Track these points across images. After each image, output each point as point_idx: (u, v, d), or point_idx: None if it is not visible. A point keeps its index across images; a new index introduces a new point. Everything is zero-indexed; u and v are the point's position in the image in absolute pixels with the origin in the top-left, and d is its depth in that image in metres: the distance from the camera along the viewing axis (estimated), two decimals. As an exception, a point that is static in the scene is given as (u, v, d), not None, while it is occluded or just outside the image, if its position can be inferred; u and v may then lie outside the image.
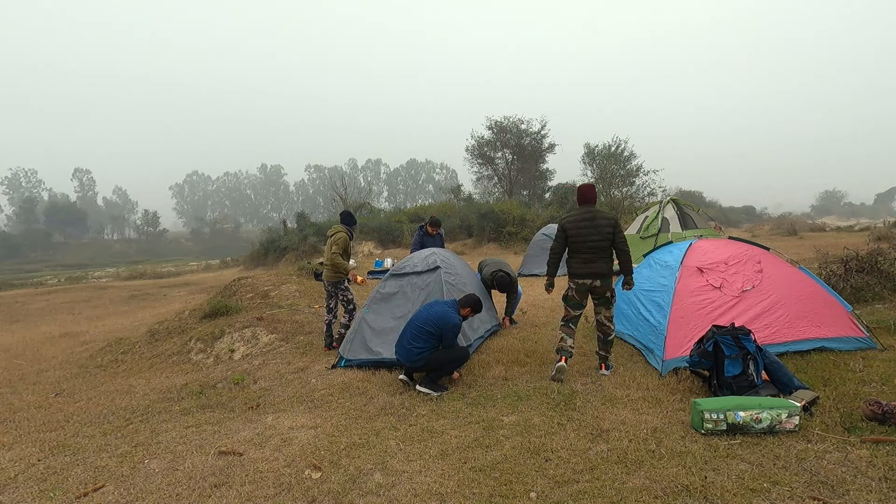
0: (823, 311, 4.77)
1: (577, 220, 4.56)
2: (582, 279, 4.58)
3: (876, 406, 3.32)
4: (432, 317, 4.49)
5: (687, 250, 5.39)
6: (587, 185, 4.72)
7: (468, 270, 6.48)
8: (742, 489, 2.67)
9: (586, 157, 28.01)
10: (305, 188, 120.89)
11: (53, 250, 68.52)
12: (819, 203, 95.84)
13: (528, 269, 12.02)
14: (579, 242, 4.54)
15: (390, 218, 26.53)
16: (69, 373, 7.10)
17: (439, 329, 4.43)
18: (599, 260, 4.53)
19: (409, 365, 4.50)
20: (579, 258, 4.57)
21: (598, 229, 4.48)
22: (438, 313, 4.51)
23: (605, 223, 4.49)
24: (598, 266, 4.54)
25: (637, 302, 5.49)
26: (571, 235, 4.57)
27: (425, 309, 4.66)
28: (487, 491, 2.83)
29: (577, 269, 4.60)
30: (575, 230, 4.54)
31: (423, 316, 4.54)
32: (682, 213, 10.77)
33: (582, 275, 4.57)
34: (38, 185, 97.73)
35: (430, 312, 4.54)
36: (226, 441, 3.76)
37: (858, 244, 8.77)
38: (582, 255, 4.55)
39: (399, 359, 4.56)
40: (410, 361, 4.46)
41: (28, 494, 3.24)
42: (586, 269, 4.55)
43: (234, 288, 10.59)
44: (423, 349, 4.42)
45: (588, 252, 4.52)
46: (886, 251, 7.17)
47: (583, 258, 4.55)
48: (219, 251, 62.03)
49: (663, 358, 4.53)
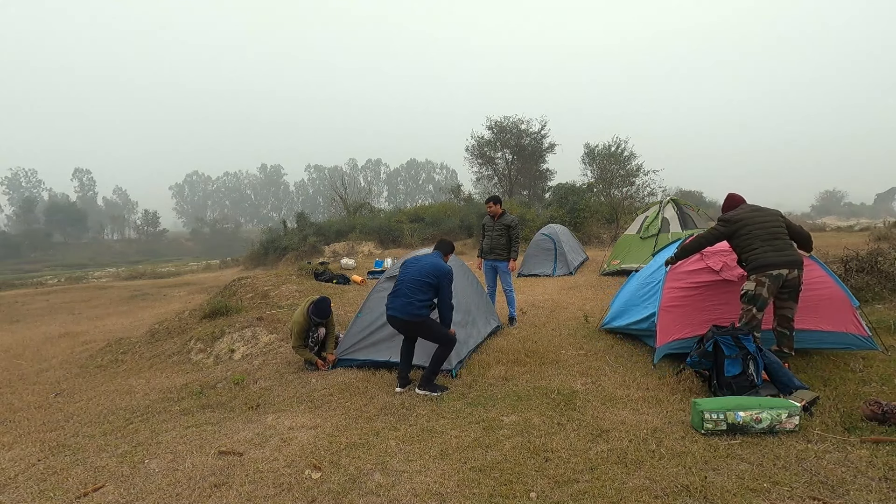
0: (825, 304, 4.54)
1: (746, 210, 4.26)
2: (778, 269, 4.02)
3: (876, 406, 3.32)
4: (427, 268, 4.49)
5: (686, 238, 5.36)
6: (736, 193, 4.49)
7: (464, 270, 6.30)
8: (742, 489, 2.67)
9: (586, 156, 27.99)
10: (305, 188, 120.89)
11: (53, 250, 68.49)
12: (819, 203, 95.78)
13: (528, 269, 12.02)
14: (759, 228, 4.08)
15: (390, 218, 26.53)
16: (69, 373, 7.09)
17: (437, 279, 4.44)
18: (790, 247, 4.09)
19: (409, 319, 4.40)
20: (768, 245, 4.06)
21: (772, 216, 4.19)
22: (432, 263, 4.54)
23: (774, 212, 4.24)
24: (793, 253, 4.06)
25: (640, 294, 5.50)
26: (746, 224, 4.12)
27: (413, 265, 4.60)
28: (487, 491, 2.83)
29: (771, 257, 4.04)
30: (749, 218, 4.16)
31: (418, 270, 4.51)
32: (682, 213, 10.76)
33: (777, 264, 4.02)
34: (38, 185, 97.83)
35: (423, 265, 4.53)
36: (226, 441, 3.75)
37: (858, 244, 8.78)
38: (770, 243, 4.06)
39: (397, 315, 4.44)
40: (412, 315, 4.39)
41: (28, 494, 3.24)
42: (780, 256, 4.03)
43: (234, 288, 10.59)
44: (424, 301, 4.41)
45: (773, 238, 4.07)
46: (886, 251, 7.18)
47: (773, 245, 4.06)
48: (219, 251, 62.00)
49: (655, 346, 4.57)
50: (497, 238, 6.75)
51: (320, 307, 5.34)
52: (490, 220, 6.91)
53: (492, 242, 6.79)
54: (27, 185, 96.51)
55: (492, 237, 6.80)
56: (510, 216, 6.81)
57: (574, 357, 5.23)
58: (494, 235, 6.77)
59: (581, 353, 5.35)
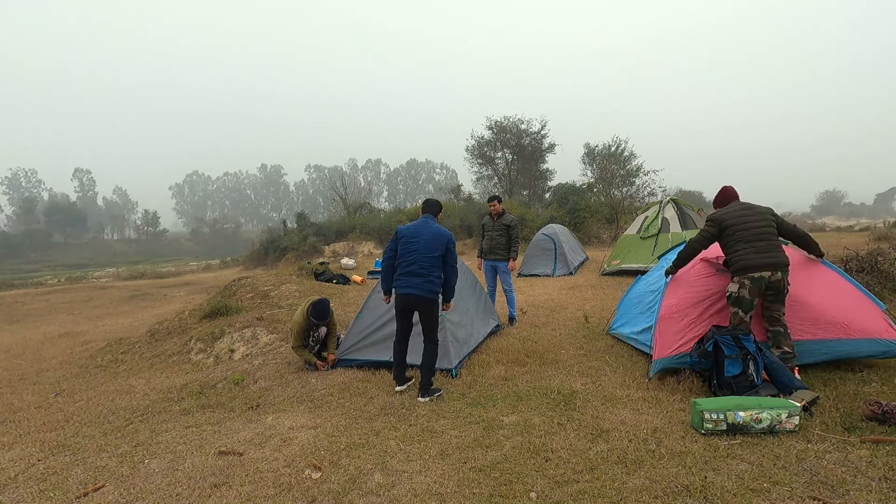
0: (853, 310, 4.20)
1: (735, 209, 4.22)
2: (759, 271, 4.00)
3: (876, 406, 3.32)
4: (433, 239, 4.37)
5: None
6: (729, 187, 4.45)
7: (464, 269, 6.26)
8: (742, 489, 2.67)
9: (586, 156, 28.00)
10: (305, 188, 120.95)
11: (53, 250, 68.45)
12: (819, 203, 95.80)
13: (528, 269, 12.02)
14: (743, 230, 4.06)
15: (390, 218, 26.52)
16: (69, 373, 7.10)
17: (444, 247, 4.38)
18: (775, 248, 4.05)
19: (429, 296, 4.32)
20: (750, 247, 4.05)
21: (760, 216, 4.14)
22: (435, 232, 4.42)
23: (764, 210, 4.18)
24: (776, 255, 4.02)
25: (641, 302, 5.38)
26: (731, 224, 4.11)
27: (417, 239, 4.41)
28: (487, 491, 2.82)
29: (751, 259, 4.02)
30: (734, 218, 4.14)
31: (426, 245, 4.36)
32: (682, 213, 10.76)
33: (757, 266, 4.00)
34: (38, 185, 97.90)
35: (429, 238, 4.39)
36: (226, 441, 3.75)
37: (858, 244, 8.75)
38: (753, 244, 4.06)
39: (417, 293, 4.31)
40: (431, 292, 4.33)
41: (28, 494, 3.24)
42: (761, 258, 4.01)
43: (233, 288, 10.59)
44: (438, 277, 4.37)
45: (757, 240, 4.06)
46: (886, 251, 7.16)
47: (755, 247, 4.05)
48: (219, 251, 62.01)
49: (652, 358, 4.35)
50: (497, 238, 6.75)
51: (319, 309, 5.32)
52: (490, 219, 6.91)
53: (491, 242, 6.79)
54: (27, 185, 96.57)
55: (492, 237, 6.80)
56: (510, 216, 6.82)
57: (574, 357, 5.23)
58: (494, 235, 6.77)
59: (581, 353, 5.35)
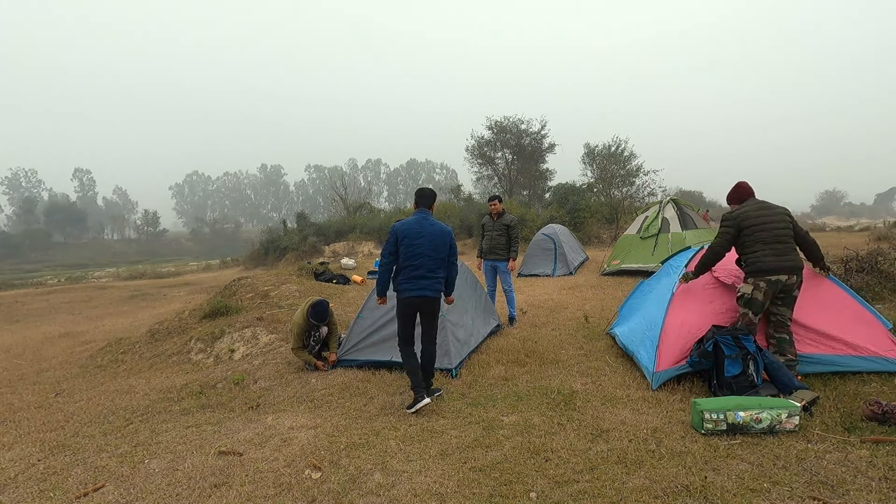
0: (857, 328, 4.22)
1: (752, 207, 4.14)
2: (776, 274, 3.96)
3: (876, 406, 3.32)
4: (438, 239, 4.25)
5: (696, 253, 5.07)
6: (744, 182, 4.36)
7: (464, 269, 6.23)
8: (742, 489, 2.67)
9: (586, 157, 28.01)
10: (305, 188, 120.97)
11: (53, 250, 68.49)
12: (819, 203, 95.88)
13: (528, 270, 12.02)
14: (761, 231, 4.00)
15: (390, 218, 26.52)
16: (69, 373, 7.10)
17: (448, 245, 4.34)
18: (792, 251, 4.02)
19: (437, 296, 4.28)
20: (769, 249, 4.00)
21: (778, 216, 4.08)
22: (438, 232, 4.28)
23: (782, 211, 4.13)
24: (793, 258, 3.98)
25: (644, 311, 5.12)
26: (749, 225, 4.04)
27: (420, 240, 4.21)
28: (487, 491, 2.82)
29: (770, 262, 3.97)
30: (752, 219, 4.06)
31: (431, 245, 4.22)
32: (681, 213, 10.76)
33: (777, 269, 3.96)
34: (38, 185, 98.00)
35: (432, 237, 4.24)
36: (226, 441, 3.75)
37: (858, 244, 8.76)
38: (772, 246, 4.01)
39: (429, 295, 4.22)
40: (439, 291, 4.31)
41: (28, 494, 3.24)
42: (780, 262, 3.97)
43: (233, 288, 10.59)
44: (443, 276, 4.35)
45: (776, 242, 4.01)
46: (886, 251, 7.17)
47: (774, 249, 4.00)
48: (219, 251, 62.01)
49: (653, 370, 4.16)
50: (497, 238, 6.75)
51: (318, 310, 5.31)
52: (490, 219, 6.91)
53: (491, 242, 6.79)
54: (27, 185, 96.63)
55: (491, 237, 6.80)
56: (510, 216, 6.82)
57: (574, 357, 5.23)
58: (494, 235, 6.77)
59: (581, 353, 5.35)
